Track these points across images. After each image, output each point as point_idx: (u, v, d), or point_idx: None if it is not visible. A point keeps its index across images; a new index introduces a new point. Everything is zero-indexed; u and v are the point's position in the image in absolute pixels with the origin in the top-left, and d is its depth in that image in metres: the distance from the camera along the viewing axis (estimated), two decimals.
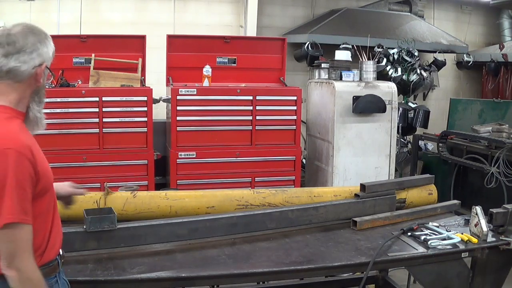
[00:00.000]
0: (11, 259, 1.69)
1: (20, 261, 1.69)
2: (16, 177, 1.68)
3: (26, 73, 1.82)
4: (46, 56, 1.87)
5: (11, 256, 1.69)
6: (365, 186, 3.36)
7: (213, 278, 2.63)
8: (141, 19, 7.30)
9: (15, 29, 1.83)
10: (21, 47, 1.80)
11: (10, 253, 1.69)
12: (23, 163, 1.71)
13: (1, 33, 1.82)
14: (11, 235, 1.68)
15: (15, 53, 1.80)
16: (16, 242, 1.69)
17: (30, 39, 1.83)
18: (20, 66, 1.80)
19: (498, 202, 3.74)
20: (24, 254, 1.71)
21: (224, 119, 5.16)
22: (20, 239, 1.70)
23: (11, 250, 1.69)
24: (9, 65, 1.79)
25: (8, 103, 1.82)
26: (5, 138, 1.71)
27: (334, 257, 2.75)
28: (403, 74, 7.35)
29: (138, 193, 3.15)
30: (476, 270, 2.94)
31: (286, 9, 8.23)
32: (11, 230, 1.68)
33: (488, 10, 9.56)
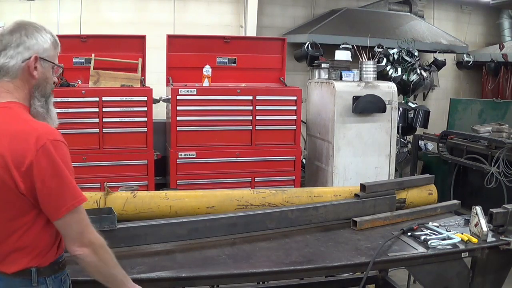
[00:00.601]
0: (82, 237, 1.79)
1: (89, 234, 1.81)
2: (66, 163, 1.76)
3: (16, 67, 1.82)
4: (37, 48, 1.84)
5: (81, 234, 1.79)
6: (365, 186, 3.35)
7: (213, 278, 2.63)
8: (141, 19, 7.30)
9: (6, 28, 1.85)
10: (7, 43, 1.81)
11: (80, 232, 1.79)
12: (65, 149, 1.78)
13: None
14: (78, 216, 1.79)
15: (2, 50, 1.82)
16: (81, 221, 1.80)
17: (16, 34, 1.83)
18: (8, 61, 1.81)
19: (498, 202, 3.74)
20: (90, 227, 1.82)
21: (224, 119, 5.16)
22: (83, 217, 1.81)
23: (81, 229, 1.79)
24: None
25: (16, 99, 1.84)
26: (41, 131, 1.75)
27: (334, 257, 2.75)
28: (403, 74, 7.35)
29: (138, 193, 3.15)
30: (476, 270, 2.94)
31: (286, 9, 8.23)
32: (76, 212, 1.77)
33: (488, 10, 9.56)
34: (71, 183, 1.76)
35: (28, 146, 1.70)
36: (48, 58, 1.89)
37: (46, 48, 1.87)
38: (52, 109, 1.96)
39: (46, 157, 1.71)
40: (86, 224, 1.81)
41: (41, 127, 1.78)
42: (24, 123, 1.77)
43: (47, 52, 1.88)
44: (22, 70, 1.83)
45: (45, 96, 1.91)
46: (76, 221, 1.78)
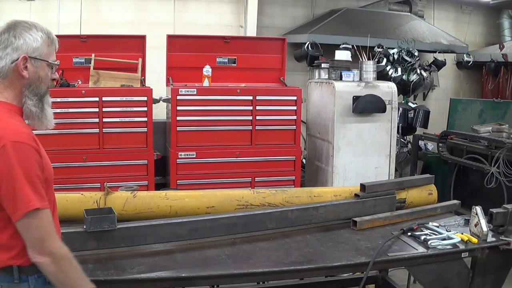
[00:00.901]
0: (41, 245, 1.73)
1: (50, 243, 1.74)
2: (25, 167, 1.71)
3: (6, 68, 1.83)
4: (26, 47, 1.83)
5: (40, 241, 1.73)
6: (365, 186, 3.36)
7: (213, 278, 2.63)
8: (141, 19, 7.30)
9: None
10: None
11: (39, 239, 1.73)
12: (28, 152, 1.73)
13: None
14: (36, 221, 1.72)
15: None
16: (40, 228, 1.73)
17: (4, 35, 1.83)
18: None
19: (498, 202, 3.74)
20: (52, 236, 1.76)
21: (224, 119, 5.16)
22: (43, 224, 1.74)
23: (40, 236, 1.73)
24: None
25: (4, 99, 1.85)
26: (8, 132, 1.73)
27: (334, 257, 2.75)
28: (403, 74, 7.35)
29: (138, 193, 3.15)
30: (476, 270, 2.94)
31: (286, 9, 8.23)
32: (34, 217, 1.71)
33: (488, 10, 9.56)
34: (24, 188, 1.70)
35: None
36: (40, 56, 1.87)
37: (36, 47, 1.85)
38: (48, 109, 1.95)
39: (2, 159, 1.69)
40: (47, 232, 1.74)
41: (8, 127, 1.75)
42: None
43: (38, 51, 1.86)
44: (12, 70, 1.83)
45: (38, 95, 1.90)
46: (34, 227, 1.72)
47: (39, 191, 1.74)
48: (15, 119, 1.82)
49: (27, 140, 1.74)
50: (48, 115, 1.95)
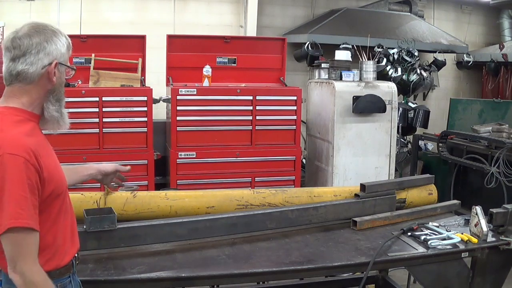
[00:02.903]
0: (14, 263, 1.68)
1: (24, 265, 1.68)
2: (16, 182, 1.66)
3: (36, 74, 1.79)
4: (56, 53, 1.82)
5: (14, 260, 1.68)
6: (365, 186, 3.35)
7: (213, 278, 2.63)
8: (141, 19, 7.30)
9: (21, 31, 1.80)
10: (26, 49, 1.77)
11: (14, 257, 1.68)
12: (24, 168, 1.67)
13: (8, 37, 1.80)
14: (14, 239, 1.67)
15: (21, 56, 1.77)
16: (19, 247, 1.68)
17: (35, 40, 1.79)
18: (28, 68, 1.78)
19: (498, 202, 3.73)
20: (27, 258, 1.69)
21: (224, 119, 5.16)
22: (23, 244, 1.68)
23: (15, 254, 1.68)
24: (17, 68, 1.77)
25: (20, 105, 1.80)
26: (6, 143, 1.68)
27: (334, 257, 2.75)
28: (403, 74, 7.35)
29: (138, 193, 3.14)
30: (476, 270, 2.94)
31: (286, 9, 8.24)
32: (14, 234, 1.66)
33: (488, 10, 9.56)
34: (11, 204, 1.64)
35: None
36: (64, 62, 1.87)
37: (63, 53, 1.86)
38: (65, 112, 1.94)
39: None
40: (23, 252, 1.68)
41: (9, 138, 1.70)
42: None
43: (64, 56, 1.86)
44: (40, 76, 1.80)
45: (59, 101, 1.90)
46: (12, 243, 1.67)
47: (27, 209, 1.67)
48: (21, 128, 1.76)
49: (25, 154, 1.68)
50: (65, 119, 1.95)
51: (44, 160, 1.76)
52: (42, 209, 1.76)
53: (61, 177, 1.91)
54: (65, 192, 1.93)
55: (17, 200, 1.65)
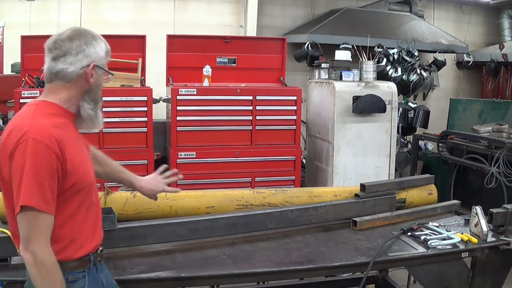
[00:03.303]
0: (27, 242, 1.77)
1: (36, 245, 1.76)
2: (36, 165, 1.75)
3: (75, 73, 1.92)
4: (95, 56, 1.96)
5: (27, 239, 1.77)
6: (365, 186, 3.35)
7: (213, 278, 2.63)
8: (141, 19, 7.31)
9: (63, 34, 1.94)
10: (67, 50, 1.91)
11: (27, 235, 1.77)
12: (45, 154, 1.77)
13: (51, 39, 1.94)
14: (28, 219, 1.76)
15: (62, 56, 1.91)
16: (32, 227, 1.76)
17: (76, 42, 1.92)
18: (67, 68, 1.91)
19: (498, 202, 3.73)
20: (40, 238, 1.77)
21: (224, 119, 5.16)
22: (36, 224, 1.76)
23: (28, 233, 1.77)
24: (57, 67, 1.91)
25: (57, 101, 1.93)
26: (33, 130, 1.79)
27: (334, 257, 2.75)
28: (403, 74, 7.36)
29: (138, 193, 3.14)
30: (476, 270, 2.94)
31: (286, 9, 8.24)
32: (28, 213, 1.75)
33: (488, 10, 9.57)
34: (29, 185, 1.74)
35: (16, 138, 1.78)
36: (102, 65, 2.02)
37: (102, 56, 2.01)
38: (100, 113, 2.07)
39: (20, 152, 1.76)
40: (36, 232, 1.77)
41: (36, 125, 1.81)
42: (28, 119, 1.83)
43: (102, 60, 2.01)
44: (79, 76, 1.93)
45: (94, 101, 2.02)
46: (26, 223, 1.77)
47: (45, 193, 1.77)
48: (51, 120, 1.86)
49: (47, 142, 1.78)
50: (99, 119, 2.07)
51: (70, 153, 1.85)
52: (63, 201, 1.86)
53: (87, 172, 1.98)
54: (90, 188, 2.00)
55: (34, 182, 1.75)
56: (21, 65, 5.26)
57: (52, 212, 1.80)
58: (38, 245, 1.77)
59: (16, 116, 1.94)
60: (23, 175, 1.75)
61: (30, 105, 1.93)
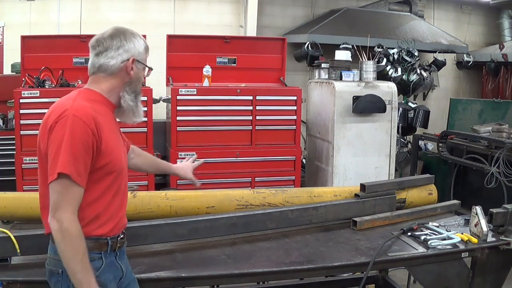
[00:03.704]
0: (55, 209, 1.86)
1: (63, 213, 1.85)
2: (73, 138, 1.87)
3: (116, 66, 2.06)
4: (134, 51, 2.09)
5: (56, 206, 1.86)
6: (365, 186, 3.35)
7: (213, 278, 2.63)
8: (141, 19, 7.31)
9: (106, 33, 2.10)
10: (108, 46, 2.06)
11: (56, 203, 1.86)
12: (82, 129, 1.89)
13: (94, 38, 2.11)
14: (61, 187, 1.86)
15: (104, 51, 2.06)
16: (63, 195, 1.86)
17: (116, 39, 2.07)
18: (109, 61, 2.06)
19: (498, 202, 3.73)
20: (68, 207, 1.86)
21: (224, 119, 5.16)
22: (67, 193, 1.87)
23: (58, 200, 1.86)
24: (100, 61, 2.07)
25: (99, 90, 2.08)
26: (74, 108, 1.92)
27: (334, 257, 2.75)
28: (403, 74, 7.36)
29: (138, 193, 3.15)
30: (476, 270, 2.94)
31: (286, 9, 8.24)
32: (62, 182, 1.85)
33: (488, 10, 9.57)
34: (68, 154, 1.85)
35: (57, 115, 1.92)
36: (142, 60, 2.13)
37: (140, 52, 2.12)
38: (140, 105, 2.18)
39: (61, 125, 1.88)
40: (65, 200, 1.86)
41: (77, 105, 1.94)
42: (71, 100, 1.97)
43: (141, 55, 2.13)
44: (120, 69, 2.07)
45: (135, 93, 2.14)
46: (56, 191, 1.86)
47: (79, 165, 1.87)
48: (91, 104, 1.99)
49: (86, 119, 1.90)
50: (140, 111, 2.18)
51: (105, 135, 1.97)
52: (94, 180, 1.96)
53: (119, 157, 2.08)
54: (121, 172, 2.09)
55: (70, 153, 1.86)
56: (21, 65, 5.25)
57: (84, 184, 1.90)
58: (66, 214, 1.85)
59: (59, 100, 2.05)
60: (61, 146, 1.85)
61: (73, 92, 2.07)
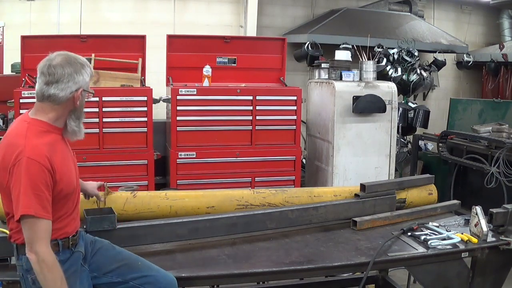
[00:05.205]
0: (31, 244, 2.06)
1: (37, 247, 2.05)
2: (31, 180, 2.04)
3: (64, 98, 2.20)
4: (82, 82, 2.24)
5: (30, 242, 2.07)
6: (365, 186, 3.36)
7: (213, 278, 2.64)
8: (141, 19, 7.31)
9: (55, 60, 2.20)
10: (59, 77, 2.18)
11: (30, 239, 2.07)
12: (39, 170, 2.06)
13: (43, 63, 2.20)
14: (29, 225, 2.05)
15: (54, 83, 2.18)
16: (33, 231, 2.06)
17: (67, 70, 2.19)
18: (58, 93, 2.18)
19: (498, 202, 3.74)
20: (41, 241, 2.06)
21: (224, 119, 5.15)
22: (37, 229, 2.06)
23: (30, 237, 2.06)
24: (49, 92, 2.18)
25: (47, 119, 2.21)
26: (28, 149, 2.08)
27: (334, 257, 2.75)
28: (403, 74, 7.35)
29: (138, 193, 3.15)
30: (476, 270, 2.94)
31: (286, 9, 8.24)
32: (29, 221, 2.05)
33: (488, 10, 9.57)
34: (27, 196, 2.03)
35: (12, 157, 2.08)
36: (87, 88, 2.29)
37: (87, 81, 2.28)
38: (82, 127, 2.36)
39: (17, 169, 2.06)
40: (37, 236, 2.05)
41: (29, 145, 2.09)
42: (22, 138, 2.11)
43: (87, 84, 2.28)
44: (67, 99, 2.22)
45: (79, 118, 2.32)
46: (28, 228, 2.06)
47: (42, 202, 2.06)
48: (42, 139, 2.14)
49: (40, 160, 2.07)
50: (82, 132, 2.36)
51: (57, 165, 2.15)
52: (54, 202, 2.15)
53: (71, 179, 2.27)
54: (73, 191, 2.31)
55: (31, 194, 2.04)
56: (21, 65, 5.26)
57: (49, 216, 2.10)
58: (40, 247, 2.05)
59: (10, 132, 2.21)
60: (21, 189, 2.04)
61: (22, 122, 2.20)
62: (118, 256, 2.45)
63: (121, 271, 2.39)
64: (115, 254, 2.46)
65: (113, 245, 2.51)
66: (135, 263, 2.44)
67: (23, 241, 2.13)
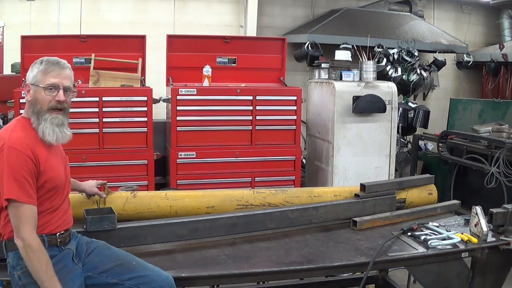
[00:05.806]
0: (17, 230, 2.17)
1: (23, 232, 2.16)
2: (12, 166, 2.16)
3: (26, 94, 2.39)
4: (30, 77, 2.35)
5: (16, 228, 2.18)
6: (365, 186, 3.36)
7: (213, 278, 2.64)
8: (141, 19, 7.31)
9: None
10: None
11: (16, 225, 2.18)
12: (19, 157, 2.19)
13: None
14: (15, 210, 2.17)
15: None
16: (18, 217, 2.17)
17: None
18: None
19: (498, 202, 3.73)
20: (26, 227, 2.17)
21: (224, 119, 5.15)
22: (21, 214, 2.16)
23: (16, 223, 2.17)
24: None
25: (26, 115, 2.39)
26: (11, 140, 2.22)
27: (334, 257, 2.75)
28: (403, 74, 7.35)
29: (138, 193, 3.15)
30: (476, 270, 2.94)
31: (286, 9, 8.24)
32: (13, 206, 2.16)
33: (488, 10, 9.57)
34: (10, 182, 2.15)
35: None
36: (36, 83, 2.33)
37: (33, 76, 2.34)
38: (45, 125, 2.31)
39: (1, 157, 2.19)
40: (22, 221, 2.16)
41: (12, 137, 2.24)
42: (8, 132, 2.27)
43: (35, 78, 2.33)
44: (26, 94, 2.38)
45: (36, 114, 2.33)
46: (13, 215, 2.18)
47: (24, 188, 2.17)
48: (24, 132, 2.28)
49: (21, 148, 2.21)
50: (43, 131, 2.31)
51: (42, 157, 2.27)
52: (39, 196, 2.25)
53: (57, 174, 2.35)
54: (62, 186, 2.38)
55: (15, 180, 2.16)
56: (21, 65, 5.26)
57: (34, 202, 2.20)
58: (25, 233, 2.16)
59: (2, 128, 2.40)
60: (3, 175, 2.16)
61: (14, 120, 2.40)
62: (113, 256, 2.47)
63: (116, 271, 2.41)
64: (110, 254, 2.47)
65: (108, 245, 2.53)
66: (130, 263, 2.45)
67: (9, 236, 2.24)
